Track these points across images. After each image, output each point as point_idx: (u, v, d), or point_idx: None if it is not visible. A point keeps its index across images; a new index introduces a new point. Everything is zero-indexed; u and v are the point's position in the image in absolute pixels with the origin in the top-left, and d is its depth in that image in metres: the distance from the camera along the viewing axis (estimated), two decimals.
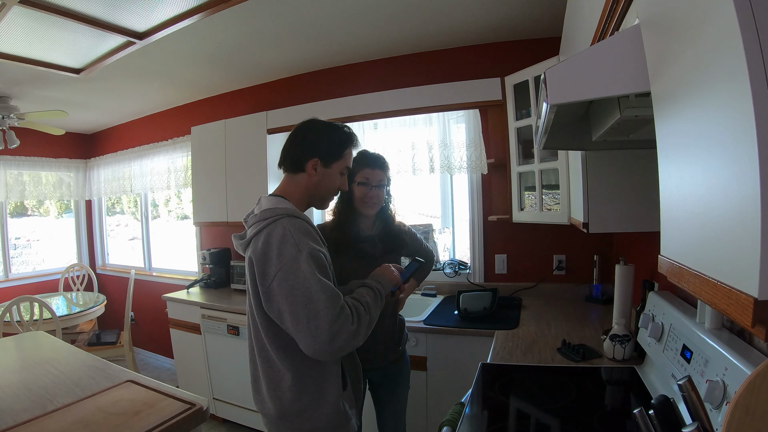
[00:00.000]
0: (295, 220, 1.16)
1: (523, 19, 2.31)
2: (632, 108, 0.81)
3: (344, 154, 1.30)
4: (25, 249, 4.70)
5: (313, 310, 1.05)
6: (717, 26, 0.41)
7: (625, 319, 1.62)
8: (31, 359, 1.84)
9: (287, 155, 1.30)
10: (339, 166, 1.30)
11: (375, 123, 2.97)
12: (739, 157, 0.38)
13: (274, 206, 1.20)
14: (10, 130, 3.26)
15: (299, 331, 1.06)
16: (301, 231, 1.13)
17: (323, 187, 1.30)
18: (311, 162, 1.26)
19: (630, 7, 0.76)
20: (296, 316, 1.06)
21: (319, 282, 1.07)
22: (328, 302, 1.06)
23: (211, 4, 1.99)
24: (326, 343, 1.04)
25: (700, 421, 0.66)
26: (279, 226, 1.12)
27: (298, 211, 1.21)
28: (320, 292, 1.06)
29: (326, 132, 1.30)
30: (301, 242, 1.10)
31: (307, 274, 1.07)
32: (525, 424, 1.22)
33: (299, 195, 1.29)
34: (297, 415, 1.21)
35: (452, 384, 2.07)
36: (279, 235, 1.11)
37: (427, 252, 1.88)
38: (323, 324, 1.04)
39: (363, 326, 1.12)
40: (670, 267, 0.57)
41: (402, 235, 1.79)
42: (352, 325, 1.08)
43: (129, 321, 3.60)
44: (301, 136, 1.30)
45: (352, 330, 1.07)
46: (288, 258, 1.08)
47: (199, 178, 3.29)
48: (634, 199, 1.43)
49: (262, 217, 1.18)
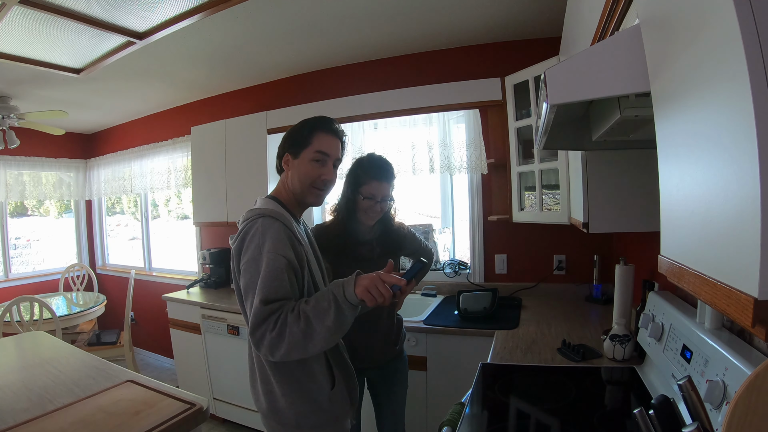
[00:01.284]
0: (270, 222, 1.17)
1: (523, 19, 2.31)
2: (632, 108, 0.81)
3: (311, 140, 1.28)
4: (25, 249, 4.70)
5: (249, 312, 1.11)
6: (717, 26, 0.41)
7: (625, 319, 1.62)
8: (31, 359, 1.84)
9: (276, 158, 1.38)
10: (308, 153, 1.28)
11: (375, 123, 2.97)
12: (739, 156, 0.38)
13: (258, 206, 1.25)
14: (10, 130, 3.26)
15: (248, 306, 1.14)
16: (271, 233, 1.15)
17: (296, 178, 1.29)
18: (285, 158, 1.32)
19: (630, 7, 0.76)
20: (245, 314, 1.17)
21: (262, 286, 1.09)
22: (258, 306, 1.07)
23: (211, 4, 1.99)
24: (257, 346, 1.09)
25: (700, 421, 0.66)
26: (254, 226, 1.17)
27: (278, 212, 1.21)
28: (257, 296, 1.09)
29: (297, 125, 1.33)
30: (265, 245, 1.13)
31: (257, 276, 1.11)
32: (525, 424, 1.22)
33: (286, 194, 1.32)
34: (285, 411, 1.22)
35: (452, 384, 2.06)
36: (250, 235, 1.16)
37: (426, 251, 1.87)
38: (251, 327, 1.09)
39: (287, 337, 1.05)
40: (670, 267, 0.57)
41: (401, 236, 1.78)
42: (270, 333, 1.06)
43: (129, 321, 3.60)
44: (281, 140, 1.36)
45: (271, 338, 1.06)
46: (250, 257, 1.13)
47: (199, 178, 3.29)
48: (634, 199, 1.43)
49: (245, 217, 1.23)
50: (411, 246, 1.83)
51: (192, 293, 3.16)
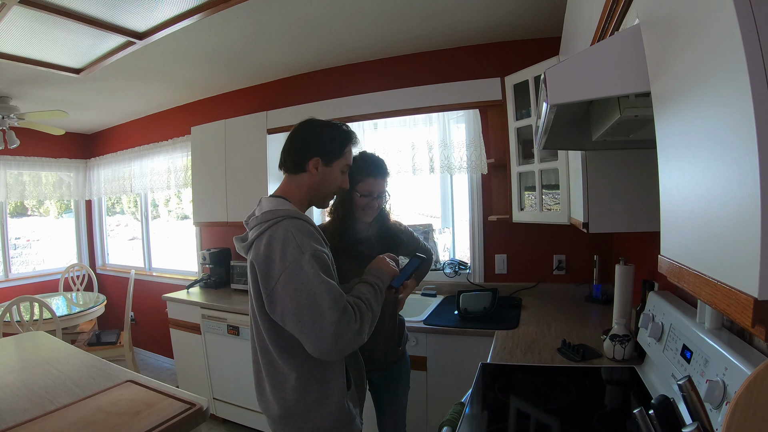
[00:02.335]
0: (297, 222, 1.15)
1: (522, 19, 2.31)
2: (632, 108, 0.81)
3: (345, 152, 1.31)
4: (25, 249, 4.70)
5: (317, 311, 1.06)
6: (717, 26, 0.41)
7: (625, 319, 1.62)
8: (31, 359, 1.84)
9: (288, 156, 1.30)
10: (340, 164, 1.31)
11: (375, 123, 2.97)
12: (739, 156, 0.38)
13: (275, 208, 1.19)
14: (10, 130, 3.26)
15: (304, 332, 1.07)
16: (303, 232, 1.13)
17: (325, 186, 1.30)
18: (312, 161, 1.26)
19: (630, 7, 0.76)
20: (300, 318, 1.07)
21: (323, 283, 1.08)
22: (332, 303, 1.06)
23: (211, 4, 1.99)
24: (332, 344, 1.06)
25: (700, 421, 0.66)
26: (281, 228, 1.12)
27: (299, 212, 1.21)
28: (324, 293, 1.07)
29: (326, 131, 1.31)
30: (303, 244, 1.10)
31: (311, 276, 1.07)
32: (525, 424, 1.22)
33: (300, 195, 1.29)
34: (301, 414, 1.21)
35: (452, 384, 2.07)
36: (281, 237, 1.10)
37: (425, 250, 1.87)
38: (328, 325, 1.05)
39: (366, 323, 1.13)
40: (670, 267, 0.57)
41: (398, 234, 1.79)
42: (355, 324, 1.09)
43: (129, 321, 3.60)
44: (300, 136, 1.30)
45: (356, 329, 1.09)
46: (291, 260, 1.08)
47: (199, 178, 3.29)
48: (634, 199, 1.43)
49: (263, 219, 1.17)
50: (409, 244, 1.83)
51: (192, 293, 3.16)
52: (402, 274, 1.40)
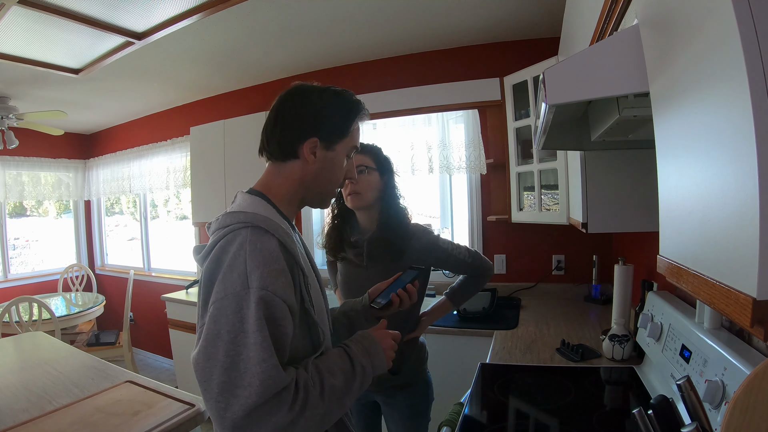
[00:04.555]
0: (260, 235, 0.80)
1: (522, 19, 2.31)
2: (631, 108, 0.81)
3: (351, 129, 0.95)
4: (24, 249, 4.69)
5: (232, 378, 0.71)
6: (715, 26, 0.41)
7: (624, 319, 1.62)
8: (30, 360, 1.83)
9: (271, 136, 0.93)
10: (345, 146, 0.95)
11: (374, 123, 2.97)
12: (738, 157, 0.38)
13: (241, 209, 0.86)
14: (9, 131, 3.25)
15: (207, 399, 0.73)
16: (262, 255, 0.77)
17: (324, 177, 0.95)
18: (308, 144, 0.91)
19: (629, 7, 0.76)
20: (208, 375, 0.72)
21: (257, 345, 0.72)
22: (259, 378, 0.71)
23: (210, 5, 1.99)
24: (233, 429, 0.71)
25: (699, 421, 0.66)
26: (236, 242, 0.79)
27: (270, 219, 0.84)
28: (252, 359, 0.71)
29: (327, 101, 0.93)
30: (253, 273, 0.75)
31: (248, 327, 0.73)
32: (524, 424, 1.22)
33: (289, 190, 0.94)
34: None
35: (451, 384, 2.06)
36: (231, 254, 0.78)
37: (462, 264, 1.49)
38: (238, 404, 0.70)
39: (308, 420, 0.74)
40: (669, 267, 0.57)
41: (407, 240, 1.42)
42: (288, 414, 0.72)
43: (128, 321, 3.60)
44: (290, 108, 0.92)
45: (285, 422, 0.72)
46: (229, 291, 0.75)
47: (198, 179, 3.29)
48: (633, 199, 1.43)
49: (222, 224, 0.84)
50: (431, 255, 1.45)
51: (191, 293, 3.15)
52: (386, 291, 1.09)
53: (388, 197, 1.46)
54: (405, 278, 1.11)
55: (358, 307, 1.11)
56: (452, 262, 1.49)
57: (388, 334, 0.94)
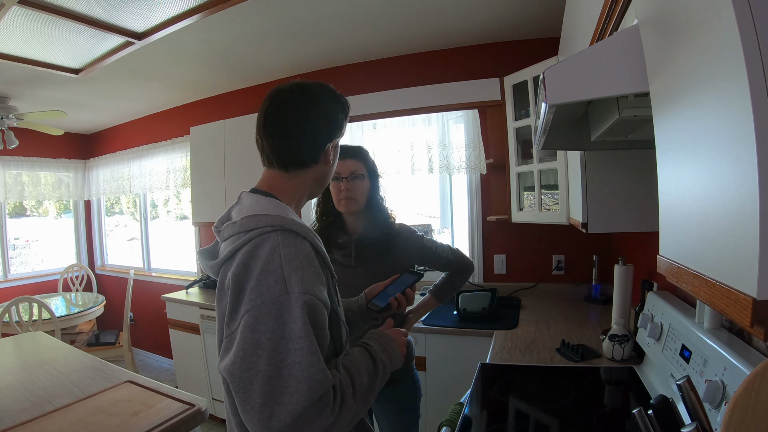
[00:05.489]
0: (293, 238, 0.78)
1: (522, 19, 2.31)
2: (631, 108, 0.81)
3: (344, 127, 0.98)
4: (24, 249, 4.69)
5: (276, 387, 0.70)
6: (715, 26, 0.41)
7: (624, 319, 1.62)
8: (30, 360, 1.83)
9: (292, 150, 0.89)
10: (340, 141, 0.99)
11: (374, 123, 2.97)
12: (738, 157, 0.38)
13: (262, 212, 0.82)
14: (9, 131, 3.25)
15: (247, 409, 0.71)
16: (298, 258, 0.76)
17: (330, 173, 0.97)
18: (330, 146, 0.92)
19: (629, 7, 0.76)
20: (248, 385, 0.70)
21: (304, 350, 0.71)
22: (307, 383, 0.70)
23: (210, 5, 1.99)
24: None
25: (699, 421, 0.66)
26: (266, 246, 0.76)
27: (298, 222, 0.82)
28: (298, 364, 0.70)
29: (330, 98, 0.93)
30: (293, 277, 0.74)
31: (292, 331, 0.71)
32: (524, 425, 1.22)
33: (300, 190, 0.93)
34: None
35: (451, 384, 2.06)
36: (263, 260, 0.75)
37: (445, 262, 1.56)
38: (284, 411, 0.69)
39: (345, 419, 0.76)
40: (669, 267, 0.57)
41: (394, 240, 1.46)
42: (330, 415, 0.73)
43: (128, 321, 3.60)
44: (313, 114, 0.90)
45: (327, 423, 0.72)
46: (267, 297, 0.73)
47: (198, 179, 3.29)
48: (633, 199, 1.43)
49: (243, 227, 0.80)
50: (416, 253, 1.52)
51: (191, 293, 3.15)
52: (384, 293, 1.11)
53: (373, 199, 1.49)
54: (404, 282, 1.13)
55: (354, 306, 1.13)
56: (436, 259, 1.57)
57: (399, 332, 0.98)
